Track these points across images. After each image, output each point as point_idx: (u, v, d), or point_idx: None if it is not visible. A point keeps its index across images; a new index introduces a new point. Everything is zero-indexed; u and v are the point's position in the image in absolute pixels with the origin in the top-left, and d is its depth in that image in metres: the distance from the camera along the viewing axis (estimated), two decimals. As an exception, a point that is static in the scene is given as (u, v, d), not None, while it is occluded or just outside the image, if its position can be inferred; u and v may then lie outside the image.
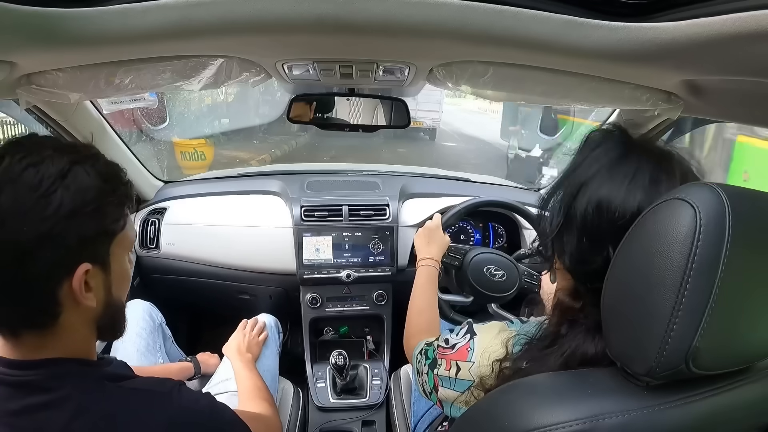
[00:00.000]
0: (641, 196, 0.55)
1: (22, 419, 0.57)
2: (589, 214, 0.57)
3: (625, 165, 0.57)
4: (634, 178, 0.56)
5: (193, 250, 1.60)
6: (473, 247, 1.42)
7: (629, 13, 0.55)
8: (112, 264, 0.62)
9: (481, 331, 0.72)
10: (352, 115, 1.13)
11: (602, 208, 0.56)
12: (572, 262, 0.60)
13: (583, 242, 0.58)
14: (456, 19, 0.56)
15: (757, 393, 0.52)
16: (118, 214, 0.62)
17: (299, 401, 1.38)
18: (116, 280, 0.64)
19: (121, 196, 0.62)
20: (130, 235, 0.66)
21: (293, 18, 0.57)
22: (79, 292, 0.58)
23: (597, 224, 0.57)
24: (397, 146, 9.07)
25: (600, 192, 0.57)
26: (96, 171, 0.59)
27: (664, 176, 0.56)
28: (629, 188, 0.56)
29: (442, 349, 0.75)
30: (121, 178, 0.64)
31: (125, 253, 0.66)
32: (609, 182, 0.57)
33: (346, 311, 1.63)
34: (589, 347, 0.56)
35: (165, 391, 0.65)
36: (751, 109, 0.80)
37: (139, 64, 0.75)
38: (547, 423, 0.46)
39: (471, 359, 0.70)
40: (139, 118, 4.73)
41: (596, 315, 0.54)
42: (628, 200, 0.55)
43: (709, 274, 0.43)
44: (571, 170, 0.61)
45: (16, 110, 1.08)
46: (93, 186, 0.58)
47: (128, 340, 1.20)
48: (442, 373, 0.74)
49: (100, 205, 0.58)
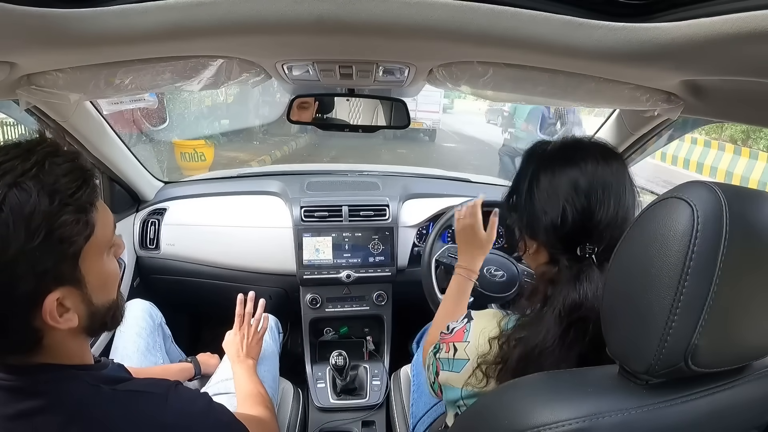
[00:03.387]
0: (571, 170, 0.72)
1: (18, 424, 0.56)
2: (536, 184, 0.75)
3: (553, 159, 0.76)
4: (565, 159, 0.74)
5: (193, 250, 1.61)
6: (473, 247, 1.41)
7: (629, 13, 0.55)
8: (86, 278, 0.57)
9: (478, 316, 0.79)
10: (351, 115, 1.13)
11: (544, 177, 0.74)
12: (536, 223, 0.74)
13: (539, 202, 0.74)
14: (456, 19, 0.56)
15: (755, 391, 0.52)
16: (79, 227, 0.54)
17: (299, 401, 1.38)
18: (96, 290, 0.60)
19: (79, 203, 0.54)
20: (103, 235, 0.59)
21: (293, 18, 0.57)
22: (54, 321, 0.55)
23: (551, 185, 0.73)
24: (397, 147, 9.07)
25: (541, 173, 0.75)
26: (40, 185, 0.51)
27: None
28: (563, 164, 0.73)
29: (444, 335, 0.81)
30: (78, 176, 0.55)
31: (101, 256, 0.60)
32: (548, 166, 0.75)
33: (346, 312, 1.63)
34: (574, 294, 0.67)
35: (160, 392, 0.65)
36: (751, 109, 0.80)
37: (139, 64, 0.75)
38: (547, 421, 0.46)
39: (466, 339, 0.75)
40: (139, 118, 4.73)
41: (572, 269, 0.70)
42: (564, 171, 0.73)
43: (706, 272, 0.43)
44: (521, 174, 0.79)
45: (16, 111, 1.08)
46: (37, 211, 0.50)
47: (128, 339, 1.20)
48: (442, 356, 0.79)
49: (50, 229, 0.51)
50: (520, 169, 0.81)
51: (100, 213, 0.59)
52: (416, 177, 1.91)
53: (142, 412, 0.62)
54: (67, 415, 0.57)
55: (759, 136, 8.57)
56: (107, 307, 0.63)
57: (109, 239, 0.61)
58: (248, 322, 1.18)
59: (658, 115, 0.88)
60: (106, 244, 0.61)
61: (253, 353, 1.16)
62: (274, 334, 1.40)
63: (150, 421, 0.62)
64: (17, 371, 0.58)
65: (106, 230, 0.60)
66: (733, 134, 9.01)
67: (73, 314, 0.57)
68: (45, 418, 0.57)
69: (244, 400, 0.99)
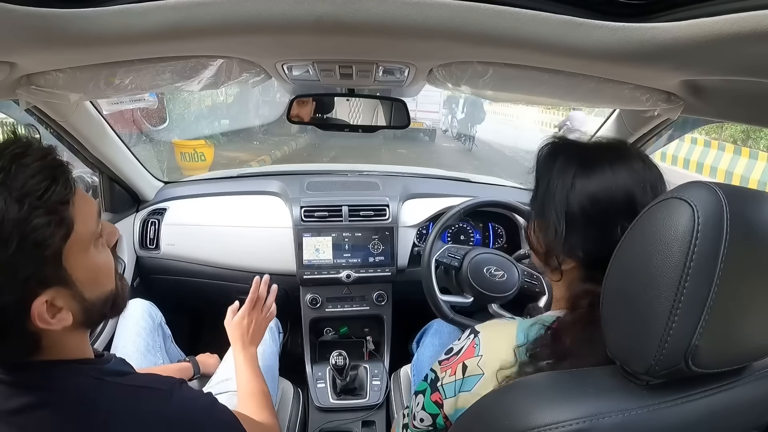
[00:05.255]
0: (626, 175, 0.65)
1: (22, 418, 0.57)
2: (589, 207, 0.65)
3: (592, 160, 0.68)
4: (610, 165, 0.66)
5: (193, 250, 1.60)
6: (473, 247, 1.41)
7: (629, 13, 0.55)
8: (73, 275, 0.56)
9: (484, 327, 0.72)
10: (351, 115, 1.13)
11: (599, 197, 0.65)
12: (587, 253, 0.66)
13: (592, 232, 0.65)
14: (456, 19, 0.56)
15: (755, 392, 0.52)
16: (52, 229, 0.53)
17: (299, 401, 1.39)
18: (87, 285, 0.59)
19: (50, 203, 0.52)
20: (85, 230, 0.58)
21: (293, 18, 0.57)
22: (46, 324, 0.54)
23: (599, 211, 0.65)
24: (397, 147, 9.08)
25: (589, 187, 0.66)
26: (8, 192, 0.50)
27: (626, 153, 0.68)
28: (612, 172, 0.65)
29: (446, 361, 0.73)
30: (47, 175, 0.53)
31: (85, 250, 0.58)
32: (591, 176, 0.66)
33: (346, 312, 1.63)
34: None
35: (165, 388, 0.65)
36: (751, 109, 0.80)
37: (139, 64, 0.75)
38: (547, 422, 0.46)
39: (479, 353, 0.69)
40: (139, 118, 4.74)
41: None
42: (617, 182, 0.65)
43: (707, 273, 0.43)
44: (546, 184, 0.70)
45: (16, 111, 1.08)
46: (6, 220, 0.49)
47: (128, 339, 1.20)
48: (446, 382, 0.71)
49: (23, 236, 0.50)
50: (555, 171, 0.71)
51: (78, 207, 0.57)
52: (416, 177, 1.91)
53: (146, 406, 0.62)
54: (71, 408, 0.58)
55: (759, 136, 8.57)
56: (103, 300, 0.62)
57: (92, 231, 0.59)
58: (260, 307, 1.13)
59: (658, 115, 0.88)
60: (90, 237, 0.59)
61: (257, 340, 1.12)
62: (274, 335, 1.40)
63: (154, 416, 0.62)
64: (20, 368, 0.58)
65: (87, 223, 0.58)
66: (733, 134, 9.01)
67: (66, 313, 0.57)
68: (47, 412, 0.57)
69: (248, 399, 0.96)
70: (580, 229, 0.66)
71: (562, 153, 0.71)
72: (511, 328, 0.69)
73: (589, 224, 0.66)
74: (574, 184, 0.67)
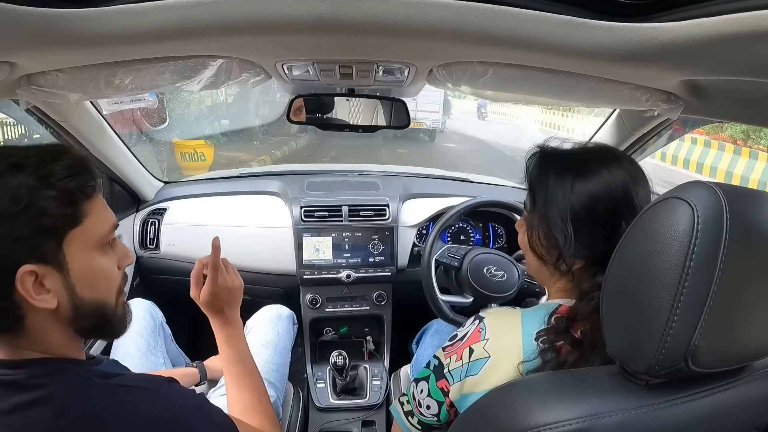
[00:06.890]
0: (620, 172, 0.69)
1: (13, 417, 0.57)
2: (592, 206, 0.68)
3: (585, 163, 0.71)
4: (605, 165, 0.69)
5: (193, 250, 1.60)
6: (473, 247, 1.41)
7: (629, 13, 0.55)
8: (69, 263, 0.58)
9: (488, 314, 0.73)
10: (351, 115, 1.13)
11: (600, 195, 0.68)
12: (596, 250, 0.68)
13: (599, 230, 0.68)
14: (456, 19, 0.56)
15: (755, 392, 0.52)
16: (63, 209, 0.57)
17: (299, 401, 1.38)
18: (80, 280, 0.60)
19: (67, 187, 0.57)
20: (96, 229, 0.61)
21: (293, 18, 0.57)
22: (28, 295, 0.56)
23: (603, 208, 0.68)
24: (397, 147, 9.08)
25: (589, 187, 0.69)
26: (35, 169, 0.56)
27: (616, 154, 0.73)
28: (608, 172, 0.69)
29: (450, 347, 0.74)
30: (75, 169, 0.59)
31: (90, 248, 0.61)
32: (589, 178, 0.69)
33: (346, 312, 1.63)
34: None
35: (152, 387, 0.65)
36: (751, 109, 0.81)
37: (139, 64, 0.75)
38: (547, 421, 0.46)
39: (485, 337, 0.69)
40: (139, 118, 4.74)
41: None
42: (615, 179, 0.68)
43: (707, 273, 0.43)
44: (544, 194, 0.72)
45: (16, 111, 1.08)
46: (23, 184, 0.55)
47: (129, 339, 1.19)
48: (453, 367, 0.71)
49: (32, 201, 0.55)
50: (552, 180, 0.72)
51: (95, 207, 0.61)
52: (416, 177, 1.91)
53: (132, 405, 0.62)
54: (57, 408, 0.57)
55: (759, 136, 8.58)
56: (95, 306, 0.62)
57: (103, 235, 0.62)
58: (226, 268, 0.98)
59: (658, 115, 0.88)
60: (98, 238, 0.62)
61: (235, 305, 0.95)
62: (288, 327, 1.36)
63: (140, 414, 0.61)
64: (12, 366, 0.58)
65: (98, 225, 0.61)
66: (733, 134, 9.02)
67: (52, 297, 0.58)
68: (38, 410, 0.57)
69: (242, 413, 0.82)
70: (587, 229, 0.69)
71: (553, 162, 0.74)
72: (516, 315, 0.71)
73: (594, 223, 0.68)
74: (573, 188, 0.69)
